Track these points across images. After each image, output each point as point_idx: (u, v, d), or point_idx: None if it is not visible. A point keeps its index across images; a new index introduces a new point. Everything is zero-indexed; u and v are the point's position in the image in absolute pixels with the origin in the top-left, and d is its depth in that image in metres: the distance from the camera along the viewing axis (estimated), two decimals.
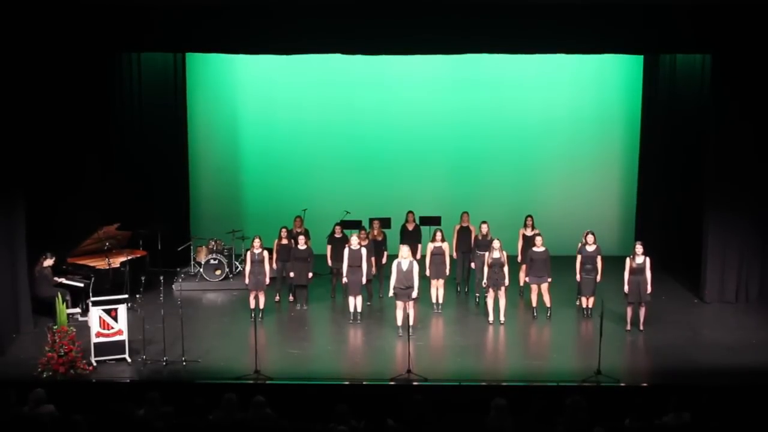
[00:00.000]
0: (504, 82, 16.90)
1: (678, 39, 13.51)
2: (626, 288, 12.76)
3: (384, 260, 14.30)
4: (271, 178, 17.29)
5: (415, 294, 12.71)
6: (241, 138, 17.35)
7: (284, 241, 14.03)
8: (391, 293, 12.86)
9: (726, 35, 13.23)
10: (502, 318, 13.16)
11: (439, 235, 13.59)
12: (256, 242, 13.33)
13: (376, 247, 14.18)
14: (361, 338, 12.92)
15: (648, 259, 12.70)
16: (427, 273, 13.59)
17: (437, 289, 13.68)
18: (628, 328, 12.86)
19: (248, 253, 13.40)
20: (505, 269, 12.99)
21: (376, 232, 14.43)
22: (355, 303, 13.25)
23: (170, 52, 15.83)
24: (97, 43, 13.49)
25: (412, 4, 13.03)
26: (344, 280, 13.30)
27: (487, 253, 13.08)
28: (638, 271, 12.64)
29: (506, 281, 13.04)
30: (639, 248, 12.71)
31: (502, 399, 8.60)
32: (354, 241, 13.30)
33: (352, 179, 17.08)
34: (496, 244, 12.98)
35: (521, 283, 14.07)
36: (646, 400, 9.15)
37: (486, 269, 13.03)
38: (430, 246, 13.59)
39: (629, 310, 12.88)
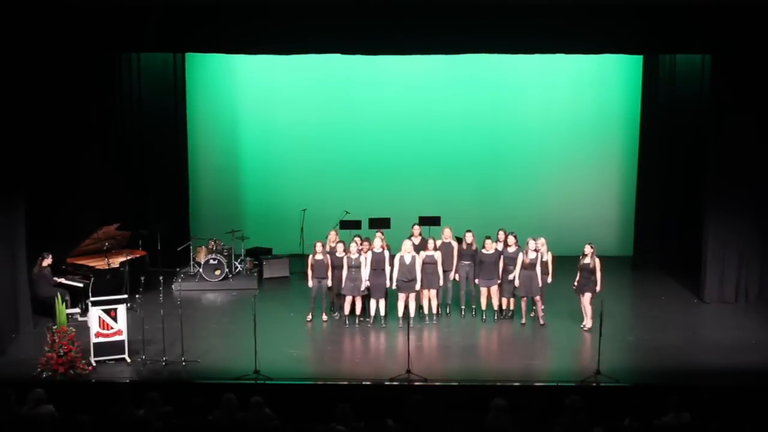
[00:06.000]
0: (504, 83, 16.90)
1: (678, 39, 13.51)
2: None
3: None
4: (270, 178, 17.28)
5: (418, 286, 12.94)
6: (240, 138, 17.34)
7: (319, 256, 13.26)
8: (393, 285, 12.96)
9: (726, 35, 13.23)
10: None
11: (431, 244, 13.21)
12: (318, 246, 13.25)
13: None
14: (361, 338, 12.92)
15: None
16: (418, 286, 13.11)
17: (429, 300, 13.33)
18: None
19: (309, 257, 13.35)
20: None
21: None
22: (378, 306, 13.17)
23: (170, 52, 15.83)
24: (97, 44, 13.48)
25: (411, 4, 13.03)
26: (366, 283, 13.09)
27: (521, 255, 13.01)
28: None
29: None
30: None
31: (502, 399, 8.61)
32: (377, 243, 13.13)
33: (352, 180, 17.06)
34: (531, 244, 12.97)
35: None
36: (646, 400, 9.15)
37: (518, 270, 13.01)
38: (422, 255, 13.11)
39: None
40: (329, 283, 13.36)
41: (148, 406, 8.73)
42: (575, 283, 12.98)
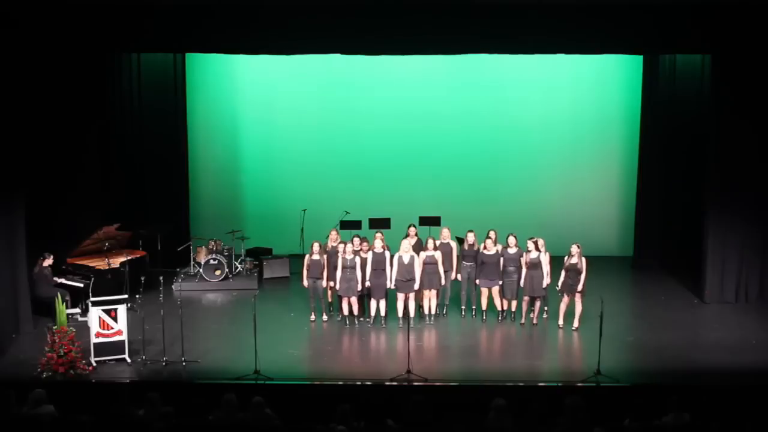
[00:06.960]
0: (504, 83, 16.89)
1: (678, 39, 13.51)
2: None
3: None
4: (270, 178, 17.28)
5: (416, 286, 12.97)
6: (240, 138, 17.34)
7: (315, 257, 13.24)
8: (392, 285, 12.98)
9: (726, 35, 13.23)
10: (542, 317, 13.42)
11: (431, 244, 13.20)
12: (316, 246, 13.25)
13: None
14: (361, 339, 12.92)
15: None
16: (416, 286, 13.15)
17: (429, 300, 13.33)
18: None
19: (305, 257, 13.41)
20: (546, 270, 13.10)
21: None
22: (378, 306, 13.17)
23: (170, 52, 15.81)
24: (97, 43, 13.47)
25: (412, 4, 13.03)
26: (367, 283, 13.09)
27: (523, 257, 13.04)
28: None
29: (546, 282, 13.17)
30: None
31: (502, 399, 8.61)
32: (378, 243, 13.16)
33: (352, 180, 17.04)
34: (531, 244, 13.00)
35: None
36: (646, 400, 9.15)
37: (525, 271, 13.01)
38: (422, 255, 13.12)
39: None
40: (324, 283, 13.37)
41: (148, 407, 8.72)
42: (559, 284, 12.98)
